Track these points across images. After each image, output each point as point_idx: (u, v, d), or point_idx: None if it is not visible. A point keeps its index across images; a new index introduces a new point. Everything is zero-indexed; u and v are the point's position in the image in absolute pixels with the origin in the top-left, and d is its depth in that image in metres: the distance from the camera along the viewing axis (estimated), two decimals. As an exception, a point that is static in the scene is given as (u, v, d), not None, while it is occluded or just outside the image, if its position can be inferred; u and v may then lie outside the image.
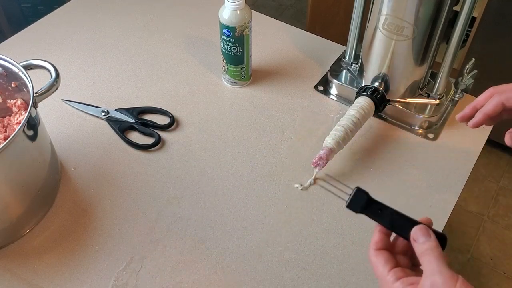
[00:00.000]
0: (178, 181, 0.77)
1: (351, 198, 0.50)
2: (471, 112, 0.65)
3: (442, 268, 0.45)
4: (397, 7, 0.74)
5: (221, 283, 0.66)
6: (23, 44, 1.01)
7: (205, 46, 1.01)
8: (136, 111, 0.86)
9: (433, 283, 0.45)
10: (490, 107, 0.62)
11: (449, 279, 0.44)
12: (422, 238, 0.48)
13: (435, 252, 0.47)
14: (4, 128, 0.71)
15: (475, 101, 0.65)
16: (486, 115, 0.63)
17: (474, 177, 1.80)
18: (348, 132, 0.77)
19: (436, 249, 0.47)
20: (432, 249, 0.47)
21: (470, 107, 0.65)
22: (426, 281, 0.45)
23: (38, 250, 0.69)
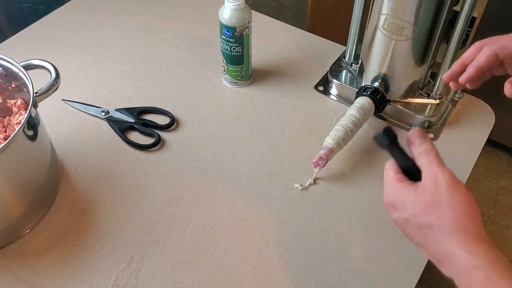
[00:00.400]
0: (178, 181, 0.77)
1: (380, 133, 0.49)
2: (460, 69, 0.61)
3: (444, 168, 0.44)
4: (397, 7, 0.74)
5: (221, 283, 0.66)
6: (23, 44, 1.01)
7: (205, 46, 1.01)
8: (136, 111, 0.86)
9: (435, 181, 0.44)
10: (483, 58, 0.57)
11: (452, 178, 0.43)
12: (418, 139, 0.47)
13: (433, 152, 0.46)
14: (4, 128, 0.71)
15: (463, 57, 0.60)
16: (480, 67, 0.58)
17: (474, 177, 1.80)
18: (348, 132, 0.77)
19: (433, 149, 0.46)
20: (430, 148, 0.46)
21: (458, 64, 0.61)
22: (426, 179, 0.44)
23: (38, 250, 0.69)
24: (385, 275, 0.67)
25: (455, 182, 0.43)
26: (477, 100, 0.90)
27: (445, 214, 0.42)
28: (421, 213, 0.44)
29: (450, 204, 0.42)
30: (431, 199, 0.43)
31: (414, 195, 0.45)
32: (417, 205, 0.44)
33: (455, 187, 0.43)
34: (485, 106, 0.89)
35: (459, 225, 0.42)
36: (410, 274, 0.67)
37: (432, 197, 0.43)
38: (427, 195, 0.44)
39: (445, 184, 0.43)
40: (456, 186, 0.43)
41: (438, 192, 0.43)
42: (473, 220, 0.42)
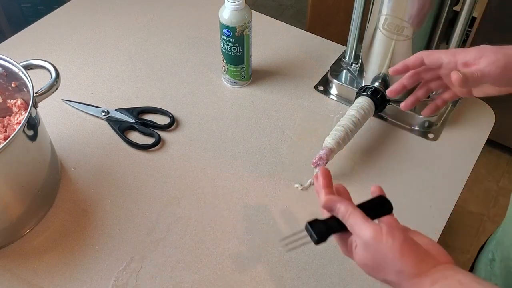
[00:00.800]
0: (178, 181, 0.77)
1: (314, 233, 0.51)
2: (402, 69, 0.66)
3: (362, 226, 0.47)
4: (397, 7, 0.74)
5: (221, 283, 0.66)
6: (23, 44, 1.01)
7: (205, 46, 1.01)
8: (136, 111, 0.86)
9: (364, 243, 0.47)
10: (410, 58, 0.63)
11: (374, 235, 0.46)
12: (333, 206, 0.50)
13: (349, 212, 0.49)
14: (4, 128, 0.71)
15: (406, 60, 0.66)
16: (405, 64, 0.64)
17: (474, 177, 1.80)
18: (348, 132, 0.77)
19: (348, 209, 0.49)
20: (346, 210, 0.49)
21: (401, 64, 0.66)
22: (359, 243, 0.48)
23: (38, 250, 0.69)
24: (385, 275, 0.67)
25: (378, 237, 0.46)
26: (477, 100, 0.90)
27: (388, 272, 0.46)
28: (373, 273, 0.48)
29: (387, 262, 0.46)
30: (372, 263, 0.47)
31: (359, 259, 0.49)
32: (366, 268, 0.48)
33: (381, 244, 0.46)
34: (485, 106, 0.89)
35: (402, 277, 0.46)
36: (410, 274, 0.67)
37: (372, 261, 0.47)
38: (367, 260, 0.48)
39: (372, 243, 0.46)
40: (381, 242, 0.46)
41: (372, 254, 0.47)
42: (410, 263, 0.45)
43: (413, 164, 0.80)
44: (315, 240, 0.50)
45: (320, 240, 0.50)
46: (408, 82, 0.67)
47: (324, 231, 0.51)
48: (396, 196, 0.76)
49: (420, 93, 0.69)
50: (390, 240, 0.46)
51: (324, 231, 0.51)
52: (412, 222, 0.72)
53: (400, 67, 0.64)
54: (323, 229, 0.51)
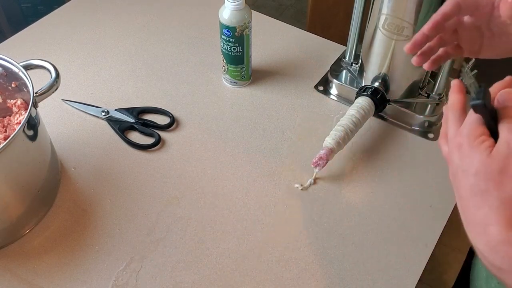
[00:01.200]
0: (178, 181, 0.77)
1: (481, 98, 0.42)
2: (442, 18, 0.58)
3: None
4: (397, 7, 0.74)
5: (221, 283, 0.66)
6: (23, 44, 1.01)
7: (205, 46, 1.01)
8: (136, 111, 0.86)
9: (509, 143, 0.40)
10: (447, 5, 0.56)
11: None
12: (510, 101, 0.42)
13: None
14: (4, 128, 0.71)
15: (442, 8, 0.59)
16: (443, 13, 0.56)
17: (474, 177, 1.79)
18: (348, 132, 0.77)
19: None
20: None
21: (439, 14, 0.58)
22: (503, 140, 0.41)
23: (38, 250, 0.69)
24: (385, 275, 0.67)
25: None
26: (477, 100, 0.89)
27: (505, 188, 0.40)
28: (483, 176, 0.41)
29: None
30: (500, 168, 0.40)
31: (486, 156, 0.41)
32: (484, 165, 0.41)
33: None
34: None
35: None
36: (410, 274, 0.67)
37: (501, 165, 0.40)
38: (498, 161, 0.40)
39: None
40: None
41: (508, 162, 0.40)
42: None
43: (413, 164, 0.80)
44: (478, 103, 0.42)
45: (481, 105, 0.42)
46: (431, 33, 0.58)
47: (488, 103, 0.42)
48: (396, 196, 0.76)
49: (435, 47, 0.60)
50: None
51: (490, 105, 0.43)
52: (412, 222, 0.73)
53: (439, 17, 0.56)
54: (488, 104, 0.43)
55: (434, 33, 0.58)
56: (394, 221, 0.73)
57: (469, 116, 0.44)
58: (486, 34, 0.59)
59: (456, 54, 0.62)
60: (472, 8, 0.57)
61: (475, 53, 0.61)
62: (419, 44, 0.59)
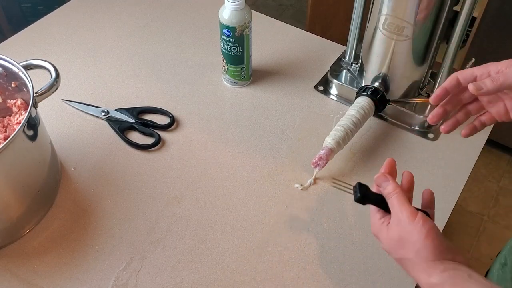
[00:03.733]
0: (178, 181, 0.77)
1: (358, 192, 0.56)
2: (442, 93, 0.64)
3: (403, 207, 0.52)
4: (397, 7, 0.74)
5: (221, 283, 0.66)
6: (23, 44, 1.01)
7: (205, 46, 1.01)
8: (136, 111, 0.86)
9: (398, 220, 0.52)
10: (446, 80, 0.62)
11: (409, 215, 0.52)
12: (383, 183, 0.56)
13: (396, 193, 0.54)
14: (4, 128, 0.71)
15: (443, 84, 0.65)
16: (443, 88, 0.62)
17: (474, 177, 1.80)
18: (348, 132, 0.77)
19: (395, 191, 0.54)
20: (393, 191, 0.54)
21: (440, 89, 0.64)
22: (393, 219, 0.53)
23: (38, 250, 0.69)
24: (385, 275, 0.67)
25: (411, 219, 0.51)
26: (477, 100, 0.90)
27: (407, 249, 0.52)
28: (393, 250, 0.54)
29: (411, 240, 0.51)
30: (397, 238, 0.52)
31: (386, 232, 0.54)
32: (389, 242, 0.54)
33: (412, 224, 0.51)
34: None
35: (419, 257, 0.51)
36: (410, 274, 0.67)
37: (398, 235, 0.52)
38: (394, 234, 0.53)
39: (405, 221, 0.52)
40: (412, 223, 0.51)
41: (401, 230, 0.52)
42: (431, 247, 0.50)
43: (413, 164, 0.80)
44: (357, 198, 0.56)
45: (361, 199, 0.56)
46: (448, 105, 0.65)
47: (367, 195, 0.56)
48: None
49: (459, 116, 0.66)
50: (420, 223, 0.51)
51: (368, 196, 0.56)
52: (412, 222, 0.73)
53: (440, 92, 0.62)
54: (368, 194, 0.56)
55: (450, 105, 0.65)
56: (394, 221, 0.73)
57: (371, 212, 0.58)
58: (504, 97, 0.61)
59: (489, 121, 0.65)
60: (469, 80, 0.61)
61: (505, 116, 0.63)
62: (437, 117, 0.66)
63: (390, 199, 0.54)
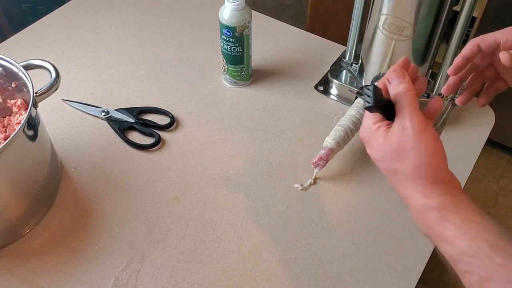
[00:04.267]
0: (178, 181, 0.77)
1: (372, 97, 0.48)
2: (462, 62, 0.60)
3: (413, 112, 0.45)
4: (397, 7, 0.74)
5: (221, 283, 0.66)
6: (23, 44, 1.01)
7: (205, 46, 1.01)
8: (136, 111, 0.86)
9: (403, 127, 0.45)
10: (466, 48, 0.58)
11: (419, 124, 0.45)
12: (396, 80, 0.48)
13: (409, 95, 0.47)
14: (4, 128, 0.71)
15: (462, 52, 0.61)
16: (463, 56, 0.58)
17: (474, 177, 1.80)
18: (348, 132, 0.77)
19: (409, 92, 0.47)
20: (405, 92, 0.47)
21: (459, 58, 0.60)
22: (397, 125, 0.46)
23: (38, 250, 0.69)
24: (385, 275, 0.67)
25: (422, 129, 0.45)
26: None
27: (406, 163, 0.45)
28: (387, 159, 0.46)
29: (413, 153, 0.44)
30: (397, 147, 0.45)
31: (383, 139, 0.46)
32: (384, 149, 0.46)
33: (421, 135, 0.44)
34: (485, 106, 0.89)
35: (418, 173, 0.44)
36: (410, 274, 0.67)
37: (398, 145, 0.45)
38: (394, 142, 0.46)
39: (412, 132, 0.45)
40: (422, 134, 0.44)
41: (404, 139, 0.45)
42: (434, 166, 0.45)
43: (413, 164, 0.80)
44: (369, 106, 0.47)
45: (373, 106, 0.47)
46: (465, 74, 0.60)
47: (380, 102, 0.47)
48: (396, 196, 0.76)
49: (475, 86, 0.61)
50: (430, 135, 0.45)
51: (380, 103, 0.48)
52: (412, 222, 0.72)
53: (460, 61, 0.57)
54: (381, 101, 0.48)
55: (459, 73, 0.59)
56: (394, 221, 0.73)
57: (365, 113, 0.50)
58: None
59: (503, 87, 0.61)
60: (492, 47, 0.57)
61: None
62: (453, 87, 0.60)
63: (400, 101, 0.46)
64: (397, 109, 0.47)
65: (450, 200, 0.44)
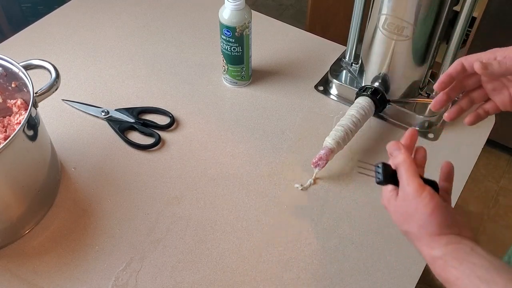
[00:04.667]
0: (178, 181, 0.77)
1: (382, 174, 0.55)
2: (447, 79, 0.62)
3: (411, 179, 0.51)
4: (397, 7, 0.74)
5: (221, 283, 0.66)
6: (23, 44, 1.01)
7: (205, 46, 1.01)
8: (136, 111, 0.86)
9: (405, 194, 0.51)
10: (451, 66, 0.61)
11: (417, 189, 0.51)
12: (395, 151, 0.54)
13: (406, 164, 0.52)
14: (4, 128, 0.71)
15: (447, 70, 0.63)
16: (448, 74, 0.60)
17: (474, 177, 1.80)
18: (348, 132, 0.77)
19: (406, 161, 0.52)
20: (404, 161, 0.53)
21: (444, 75, 0.63)
22: (400, 192, 0.52)
23: (38, 250, 0.69)
24: (385, 275, 0.67)
25: (419, 193, 0.50)
26: (477, 100, 0.90)
27: (412, 224, 0.52)
28: (399, 222, 0.54)
29: (416, 216, 0.51)
30: (403, 211, 0.52)
31: (394, 206, 0.54)
32: (396, 214, 0.54)
33: (419, 198, 0.50)
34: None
35: (423, 232, 0.51)
36: (410, 274, 0.67)
37: (403, 209, 0.52)
38: (400, 206, 0.53)
39: (411, 197, 0.51)
40: (419, 197, 0.50)
41: (406, 204, 0.52)
42: (435, 224, 0.50)
43: (413, 164, 0.80)
44: (379, 180, 0.55)
45: (383, 182, 0.55)
46: (452, 92, 0.63)
47: (389, 177, 0.54)
48: (396, 196, 0.76)
49: (463, 103, 0.65)
50: (427, 199, 0.50)
51: (389, 177, 0.54)
52: (412, 222, 0.73)
53: (444, 79, 0.60)
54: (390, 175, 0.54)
55: (453, 91, 0.63)
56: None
57: None
58: (509, 84, 0.60)
59: (493, 110, 0.64)
60: None
61: (509, 104, 0.61)
62: (440, 103, 0.64)
63: (399, 170, 0.52)
64: (398, 177, 0.53)
65: (453, 249, 0.49)
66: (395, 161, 0.53)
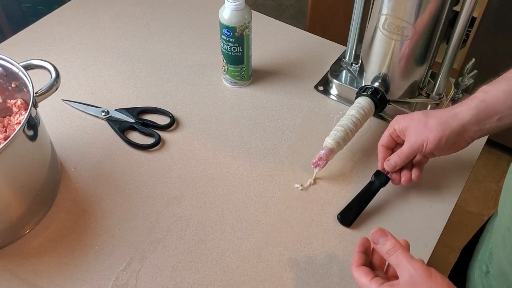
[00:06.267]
0: (178, 181, 0.77)
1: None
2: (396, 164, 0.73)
3: (413, 263, 0.48)
4: (397, 7, 0.74)
5: (221, 283, 0.66)
6: (23, 44, 1.01)
7: (205, 46, 1.01)
8: (136, 111, 0.86)
9: (411, 279, 0.47)
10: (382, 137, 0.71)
11: (425, 271, 0.47)
12: (381, 239, 0.51)
13: (400, 249, 0.50)
14: (4, 128, 0.71)
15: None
16: (381, 145, 0.72)
17: (474, 177, 1.80)
18: (348, 132, 0.77)
19: (398, 246, 0.50)
20: (395, 247, 0.50)
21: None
22: (404, 278, 0.48)
23: (38, 250, 0.69)
24: (385, 275, 0.67)
25: (428, 274, 0.47)
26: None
27: None
28: None
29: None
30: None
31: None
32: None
33: (431, 278, 0.47)
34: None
35: None
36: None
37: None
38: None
39: (421, 279, 0.47)
40: (431, 277, 0.47)
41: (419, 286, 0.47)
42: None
43: (413, 164, 0.80)
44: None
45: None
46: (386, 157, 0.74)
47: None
48: (396, 196, 0.76)
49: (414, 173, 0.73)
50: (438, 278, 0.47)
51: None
52: (412, 222, 0.73)
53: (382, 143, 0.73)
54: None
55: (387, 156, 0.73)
56: (394, 221, 0.73)
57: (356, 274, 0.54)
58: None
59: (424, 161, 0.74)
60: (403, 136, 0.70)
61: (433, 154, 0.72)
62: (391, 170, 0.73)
63: (394, 257, 0.49)
64: (395, 265, 0.49)
65: None
66: (383, 249, 0.51)
